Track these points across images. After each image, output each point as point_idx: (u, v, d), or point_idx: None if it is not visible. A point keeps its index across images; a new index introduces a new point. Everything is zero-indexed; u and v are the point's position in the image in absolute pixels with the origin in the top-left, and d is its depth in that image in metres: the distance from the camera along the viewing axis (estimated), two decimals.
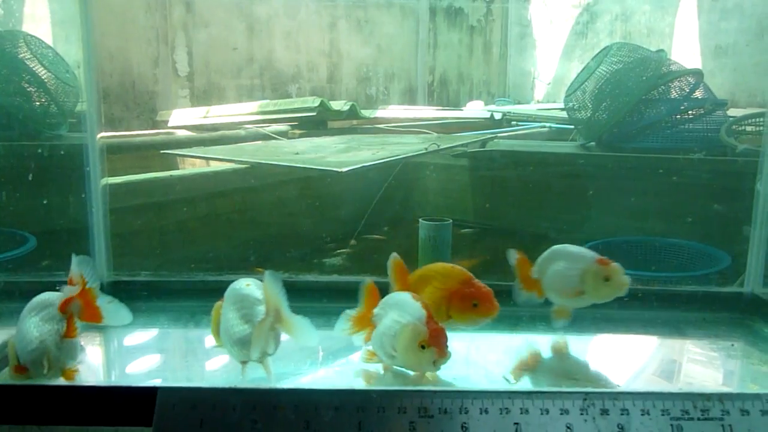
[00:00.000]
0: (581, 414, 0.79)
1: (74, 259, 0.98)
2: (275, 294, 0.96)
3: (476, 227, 3.64)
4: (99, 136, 1.30)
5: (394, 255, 1.09)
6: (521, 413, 0.79)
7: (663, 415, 0.78)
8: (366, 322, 1.04)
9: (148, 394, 0.82)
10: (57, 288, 0.97)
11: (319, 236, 3.31)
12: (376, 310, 1.02)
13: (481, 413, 0.79)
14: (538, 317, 1.18)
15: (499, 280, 1.36)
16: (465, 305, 1.02)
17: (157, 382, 0.96)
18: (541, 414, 0.79)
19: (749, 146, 2.94)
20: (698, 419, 0.78)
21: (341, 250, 3.24)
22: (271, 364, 0.99)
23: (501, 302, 1.27)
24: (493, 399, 0.80)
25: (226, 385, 0.83)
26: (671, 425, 0.77)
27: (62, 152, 1.34)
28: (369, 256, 3.23)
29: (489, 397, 0.80)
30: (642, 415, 0.78)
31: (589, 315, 1.13)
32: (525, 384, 1.04)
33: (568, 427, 0.78)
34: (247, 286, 1.03)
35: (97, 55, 1.29)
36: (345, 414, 0.79)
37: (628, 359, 1.13)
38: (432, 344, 0.92)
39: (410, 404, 0.80)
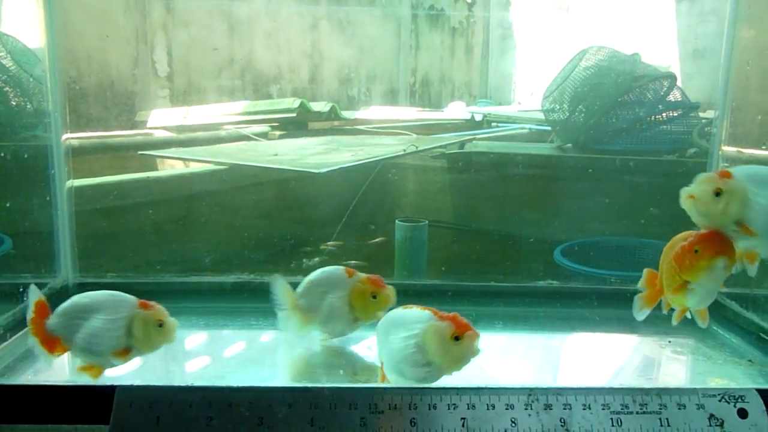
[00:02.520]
0: (526, 409, 0.81)
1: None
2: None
3: (453, 228, 3.68)
4: (64, 137, 1.31)
5: (647, 269, 1.06)
6: (468, 408, 0.81)
7: (604, 409, 0.81)
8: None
9: (107, 393, 0.83)
10: None
11: (295, 238, 3.32)
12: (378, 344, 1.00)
13: (429, 409, 0.82)
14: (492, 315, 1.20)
15: (474, 281, 1.40)
16: (690, 256, 0.94)
17: (117, 382, 0.98)
18: (487, 409, 0.81)
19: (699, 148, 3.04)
20: (637, 413, 0.81)
21: (319, 251, 3.25)
22: None
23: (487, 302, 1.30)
24: (441, 395, 0.82)
25: (183, 384, 0.85)
26: (611, 419, 0.80)
27: (26, 155, 1.34)
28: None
29: (437, 393, 0.83)
30: (584, 409, 0.81)
31: (543, 314, 1.16)
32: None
33: (513, 422, 0.80)
34: None
35: (62, 56, 1.30)
36: (298, 410, 0.81)
37: (579, 356, 1.16)
38: (463, 331, 0.92)
39: (361, 400, 0.82)
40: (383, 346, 0.98)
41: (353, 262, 3.04)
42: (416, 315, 0.96)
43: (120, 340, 0.97)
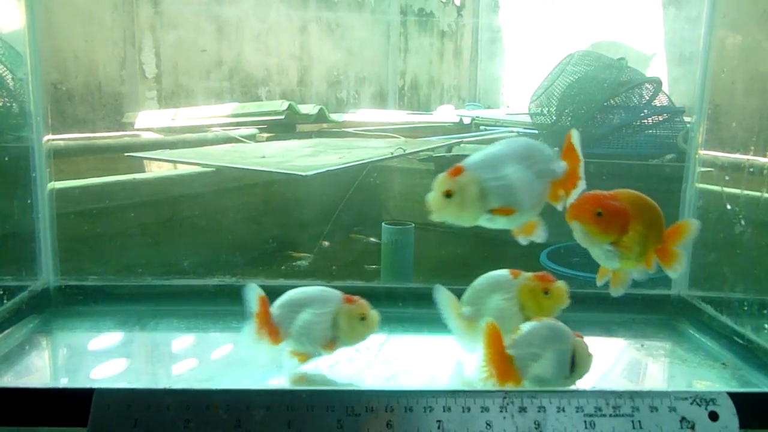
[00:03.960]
0: (500, 411, 0.82)
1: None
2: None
3: (440, 231, 3.68)
4: (46, 138, 1.30)
5: None
6: (444, 411, 0.82)
7: (577, 412, 0.82)
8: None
9: (85, 395, 0.83)
10: None
11: (281, 241, 3.32)
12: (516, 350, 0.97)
13: (405, 411, 0.82)
14: None
15: (462, 284, 1.40)
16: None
17: (95, 384, 0.98)
18: (463, 412, 0.82)
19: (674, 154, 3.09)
20: (610, 416, 0.82)
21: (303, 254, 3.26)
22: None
23: None
24: (418, 398, 0.83)
25: (161, 386, 0.85)
26: (584, 421, 0.81)
27: (7, 157, 1.34)
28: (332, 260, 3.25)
29: (414, 396, 0.83)
30: (558, 412, 0.82)
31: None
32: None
33: (488, 425, 0.81)
34: None
35: (45, 57, 1.29)
36: (275, 413, 0.82)
37: None
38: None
39: (338, 403, 0.83)
40: (528, 354, 0.96)
41: (374, 266, 3.05)
42: (561, 330, 0.98)
43: (327, 331, 1.05)
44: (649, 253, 0.95)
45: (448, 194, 0.89)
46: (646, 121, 3.65)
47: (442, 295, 1.10)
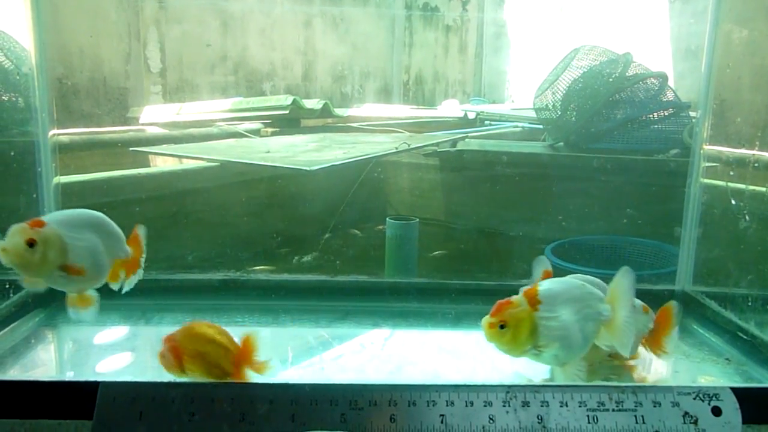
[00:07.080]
0: (503, 406, 0.83)
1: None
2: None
3: (444, 226, 3.69)
4: (51, 133, 1.31)
5: None
6: (447, 405, 0.83)
7: (580, 406, 0.82)
8: None
9: (90, 388, 0.84)
10: None
11: (286, 235, 3.33)
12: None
13: (409, 405, 0.83)
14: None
15: (465, 279, 1.41)
16: None
17: (101, 377, 0.98)
18: (466, 406, 0.83)
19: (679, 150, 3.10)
20: (613, 410, 0.82)
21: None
22: None
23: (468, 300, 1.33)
24: (421, 392, 0.84)
25: (165, 380, 0.86)
26: (587, 416, 0.82)
27: (12, 152, 1.34)
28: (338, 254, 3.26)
29: (417, 390, 0.84)
30: (561, 406, 0.82)
31: None
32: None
33: (491, 419, 0.82)
34: None
35: (50, 52, 1.30)
36: (279, 406, 0.82)
37: None
38: None
39: (342, 397, 0.83)
40: None
41: (440, 252, 3.02)
42: None
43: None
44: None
45: (30, 243, 0.94)
46: (651, 116, 3.63)
47: None
